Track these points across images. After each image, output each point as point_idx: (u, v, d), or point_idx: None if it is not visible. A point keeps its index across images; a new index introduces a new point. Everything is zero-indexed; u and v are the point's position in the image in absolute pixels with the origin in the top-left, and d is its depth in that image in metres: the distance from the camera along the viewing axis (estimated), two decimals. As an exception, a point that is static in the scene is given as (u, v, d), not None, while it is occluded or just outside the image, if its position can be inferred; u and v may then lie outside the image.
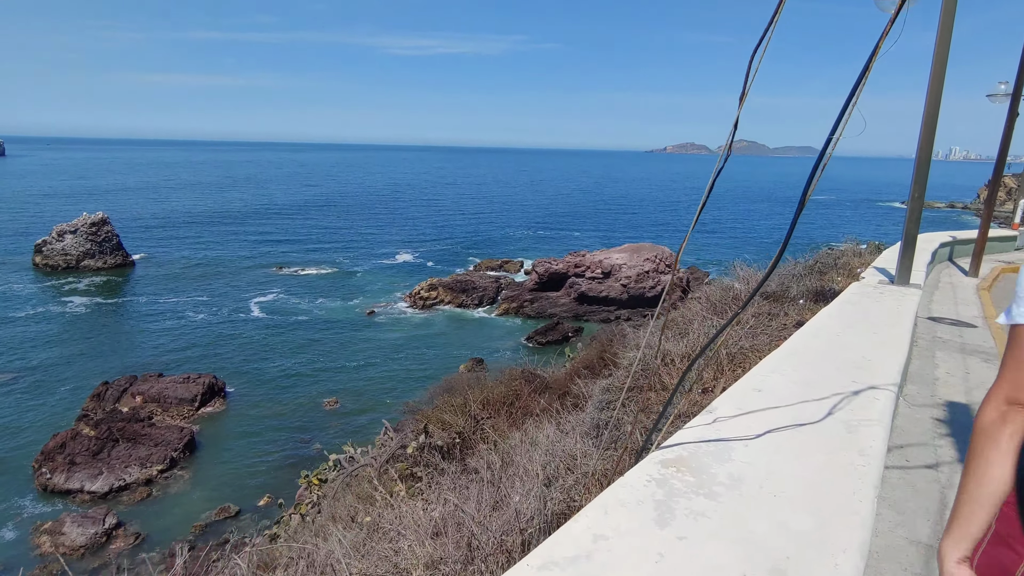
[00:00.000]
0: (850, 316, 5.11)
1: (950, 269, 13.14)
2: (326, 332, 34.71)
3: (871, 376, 3.55)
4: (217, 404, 25.19)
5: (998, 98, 9.18)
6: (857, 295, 6.05)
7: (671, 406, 3.57)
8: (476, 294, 41.50)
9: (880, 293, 6.22)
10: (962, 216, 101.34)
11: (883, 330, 4.65)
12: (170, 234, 63.43)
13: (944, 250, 13.97)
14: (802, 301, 6.82)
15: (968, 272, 12.08)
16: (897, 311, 5.37)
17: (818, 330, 4.54)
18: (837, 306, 5.34)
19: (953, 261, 14.32)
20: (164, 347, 31.00)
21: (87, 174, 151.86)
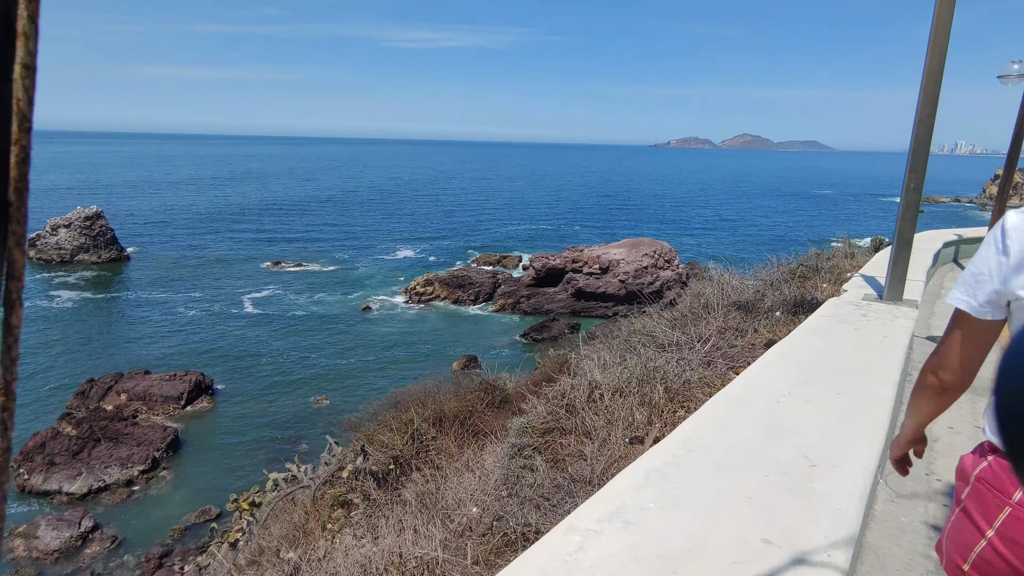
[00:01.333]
0: (815, 352, 3.79)
1: (955, 272, 11.72)
2: (319, 328, 34.21)
3: (831, 462, 2.39)
4: (204, 402, 24.72)
5: (1011, 79, 8.29)
6: (830, 319, 4.72)
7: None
8: (472, 289, 40.90)
9: (862, 315, 4.93)
10: (968, 211, 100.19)
11: (857, 381, 3.31)
12: (166, 229, 62.97)
13: (948, 251, 12.57)
14: (778, 313, 5.89)
15: None
16: (881, 345, 4.07)
17: (764, 378, 3.21)
18: (801, 337, 4.08)
19: (959, 263, 12.88)
20: (153, 343, 30.54)
21: (87, 167, 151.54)
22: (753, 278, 7.41)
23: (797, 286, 6.84)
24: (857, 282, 6.50)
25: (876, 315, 5.00)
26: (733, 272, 7.49)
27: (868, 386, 3.30)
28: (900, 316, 5.02)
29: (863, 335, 4.34)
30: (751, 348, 4.77)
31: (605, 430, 3.26)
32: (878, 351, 3.98)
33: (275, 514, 4.97)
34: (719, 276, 7.18)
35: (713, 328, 4.99)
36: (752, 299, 5.86)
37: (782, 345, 3.93)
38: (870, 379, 3.40)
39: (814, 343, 4.12)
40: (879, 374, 3.48)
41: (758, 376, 3.35)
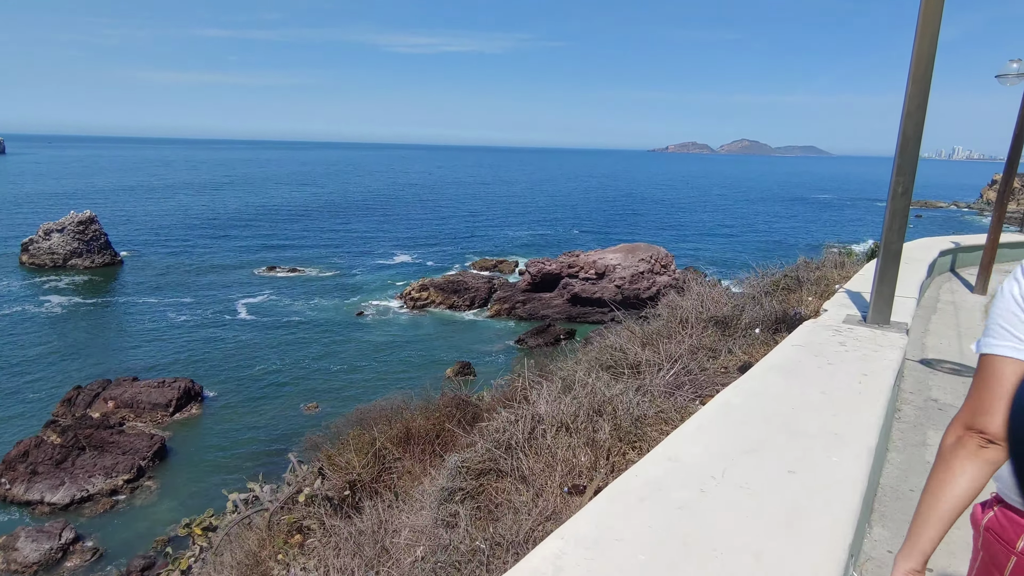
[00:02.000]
0: (773, 400, 3.03)
1: (952, 283, 10.85)
2: (312, 334, 33.88)
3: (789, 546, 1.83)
4: (193, 409, 24.38)
5: (1009, 79, 7.93)
6: (801, 350, 3.93)
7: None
8: (468, 295, 40.62)
9: (840, 344, 4.11)
10: (965, 216, 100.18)
11: (819, 448, 2.53)
12: (162, 234, 62.66)
13: (945, 259, 11.58)
14: (758, 331, 5.44)
15: (974, 287, 9.85)
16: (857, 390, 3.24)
17: (696, 445, 2.50)
18: (758, 378, 3.33)
19: (956, 273, 11.96)
20: (143, 350, 30.19)
21: (85, 172, 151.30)
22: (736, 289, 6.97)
23: (780, 300, 6.32)
24: (840, 299, 5.68)
25: (857, 344, 4.19)
26: (714, 282, 7.09)
27: (834, 457, 2.45)
28: (885, 345, 4.20)
29: (837, 374, 3.51)
30: (723, 372, 4.38)
31: (544, 475, 2.93)
32: (853, 398, 3.14)
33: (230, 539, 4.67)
34: (698, 288, 6.81)
35: (684, 347, 4.61)
36: (730, 314, 5.45)
37: (732, 390, 3.15)
38: (837, 444, 2.56)
39: (773, 387, 3.24)
40: (851, 434, 2.68)
41: (689, 442, 2.54)
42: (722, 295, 6.44)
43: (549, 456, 3.24)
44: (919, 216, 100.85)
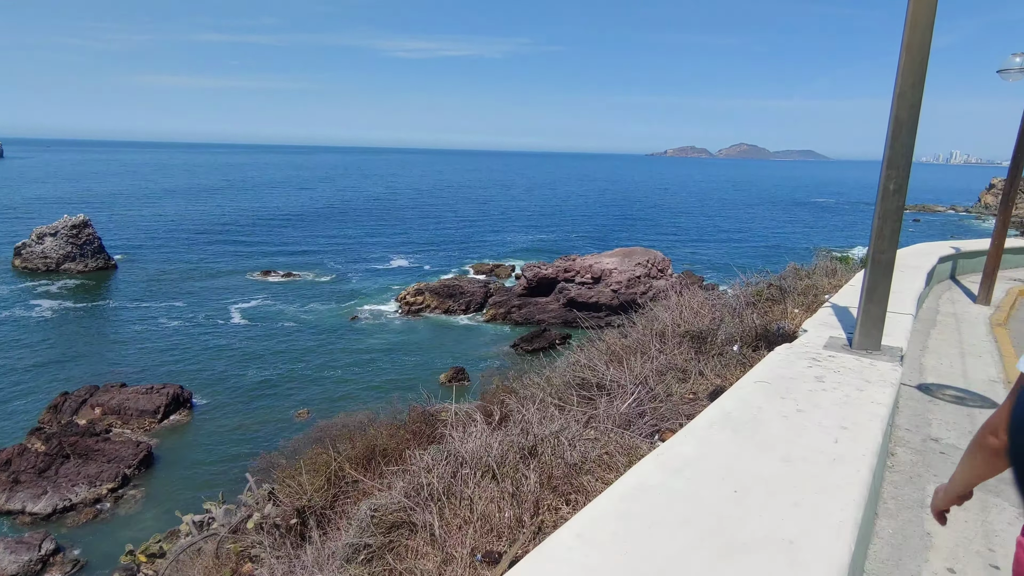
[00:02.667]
0: (715, 471, 2.19)
1: (953, 292, 9.99)
2: (305, 339, 33.53)
3: None
4: (182, 415, 24.00)
5: (1012, 74, 7.57)
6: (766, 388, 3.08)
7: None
8: (464, 299, 40.29)
9: (817, 379, 3.26)
10: (964, 220, 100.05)
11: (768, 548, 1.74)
12: (157, 238, 62.31)
13: (944, 266, 10.79)
14: (736, 348, 4.94)
15: (977, 297, 9.09)
16: (832, 453, 2.39)
17: (587, 557, 1.65)
18: (701, 433, 2.50)
19: (956, 280, 11.09)
20: (133, 355, 29.81)
21: (82, 176, 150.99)
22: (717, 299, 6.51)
23: (762, 312, 5.85)
24: (824, 317, 4.89)
25: (837, 379, 3.29)
26: (695, 291, 6.69)
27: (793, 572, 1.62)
28: (874, 380, 3.30)
29: (808, 428, 2.60)
30: (691, 399, 3.96)
31: (458, 535, 2.54)
32: (825, 471, 2.23)
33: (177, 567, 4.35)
34: (676, 297, 6.44)
35: (653, 367, 4.22)
36: (706, 329, 5.04)
37: (654, 460, 2.25)
38: (791, 567, 1.65)
39: (716, 452, 2.32)
40: (817, 542, 1.75)
41: (577, 555, 1.68)
42: (703, 305, 6.03)
43: (468, 510, 2.77)
44: (917, 220, 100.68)
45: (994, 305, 9.09)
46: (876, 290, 4.03)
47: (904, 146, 3.85)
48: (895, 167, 3.89)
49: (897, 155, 3.89)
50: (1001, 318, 8.19)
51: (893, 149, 3.88)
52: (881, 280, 4.03)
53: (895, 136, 3.87)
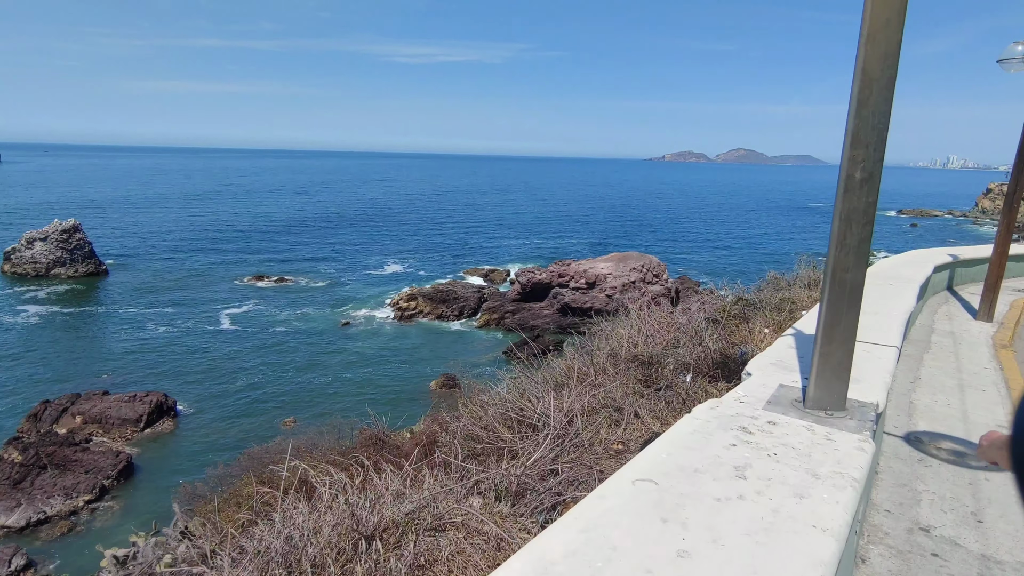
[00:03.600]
0: None
1: (950, 306, 8.91)
2: (295, 345, 33.07)
3: None
4: (165, 424, 23.51)
5: (1013, 64, 6.98)
6: (653, 495, 1.98)
7: None
8: (457, 304, 39.87)
9: (737, 474, 2.14)
10: (962, 224, 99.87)
11: None
12: (150, 243, 61.85)
13: (941, 276, 9.75)
14: (688, 378, 4.25)
15: (978, 312, 8.04)
16: None
17: None
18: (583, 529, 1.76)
19: (955, 292, 9.99)
20: (118, 362, 29.31)
21: (78, 181, 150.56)
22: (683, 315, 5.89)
23: (727, 332, 5.14)
24: (780, 350, 3.70)
25: (771, 470, 2.18)
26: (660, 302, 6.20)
27: None
28: (826, 472, 2.18)
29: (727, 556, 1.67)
30: (616, 452, 3.30)
31: None
32: None
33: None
34: (637, 313, 5.98)
35: (585, 403, 3.68)
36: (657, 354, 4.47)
37: None
38: None
39: None
40: None
41: None
42: (664, 321, 5.52)
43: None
44: (914, 225, 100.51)
45: (997, 322, 8.01)
46: (838, 325, 2.75)
47: (876, 115, 2.56)
48: (863, 145, 2.60)
49: (865, 127, 2.58)
50: (1006, 338, 7.17)
51: (860, 118, 2.58)
52: (846, 310, 2.74)
53: (862, 100, 2.55)
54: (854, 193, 2.70)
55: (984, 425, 4.58)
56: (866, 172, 2.67)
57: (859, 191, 2.69)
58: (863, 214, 2.72)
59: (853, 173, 2.68)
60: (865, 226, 2.73)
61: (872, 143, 2.63)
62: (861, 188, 2.68)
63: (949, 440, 4.31)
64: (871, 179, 2.68)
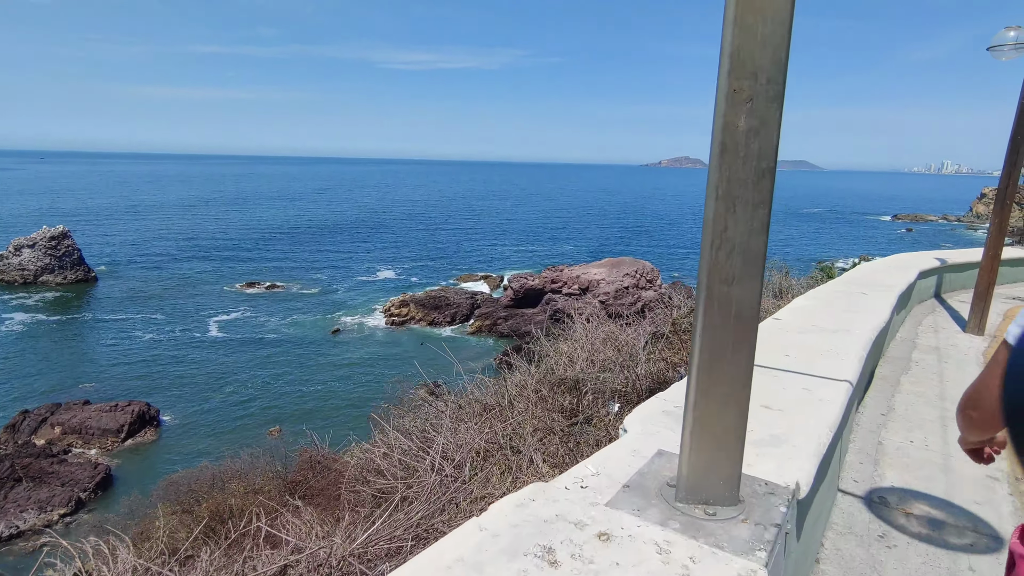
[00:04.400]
0: None
1: (936, 316, 8.16)
2: (284, 352, 32.63)
3: None
4: (148, 434, 23.04)
5: (1005, 51, 6.09)
6: None
7: None
8: (449, 311, 39.50)
9: None
10: (956, 229, 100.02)
11: None
12: (143, 249, 61.38)
13: (927, 282, 8.94)
14: (615, 408, 3.71)
15: (967, 324, 7.28)
16: None
17: None
18: None
19: (942, 300, 9.24)
20: (101, 370, 28.81)
21: (73, 187, 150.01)
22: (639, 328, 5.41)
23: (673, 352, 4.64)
24: (677, 392, 2.75)
25: None
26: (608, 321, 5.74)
27: None
28: None
29: None
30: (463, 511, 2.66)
31: None
32: None
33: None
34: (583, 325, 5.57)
35: (481, 441, 3.18)
36: (586, 377, 4.01)
37: None
38: None
39: None
40: None
41: None
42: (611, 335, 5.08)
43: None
44: (909, 230, 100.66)
45: (989, 334, 7.12)
46: (720, 369, 1.71)
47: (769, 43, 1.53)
48: (745, 76, 1.55)
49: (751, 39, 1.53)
50: None
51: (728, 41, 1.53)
52: (732, 344, 1.71)
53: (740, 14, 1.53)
54: (737, 150, 1.58)
55: (971, 478, 3.52)
56: (756, 119, 1.55)
57: (745, 144, 1.57)
58: (754, 186, 1.60)
59: (735, 121, 1.56)
60: (758, 208, 1.62)
61: (766, 65, 1.54)
62: (749, 141, 1.57)
63: (924, 502, 3.20)
64: (764, 127, 1.57)
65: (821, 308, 4.94)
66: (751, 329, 1.71)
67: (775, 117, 1.60)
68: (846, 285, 6.28)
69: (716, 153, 1.63)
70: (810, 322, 4.31)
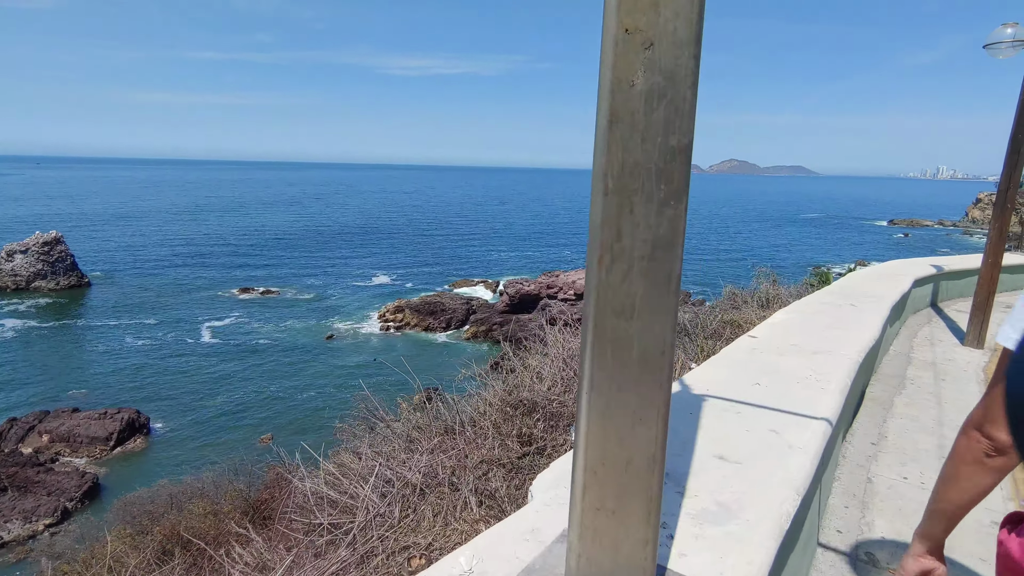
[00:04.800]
0: None
1: (933, 327, 7.54)
2: (277, 358, 32.36)
3: None
4: (137, 442, 22.75)
5: (1001, 49, 5.75)
6: None
7: None
8: (444, 317, 39.28)
9: None
10: (952, 235, 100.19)
11: None
12: (138, 255, 61.08)
13: (922, 291, 8.36)
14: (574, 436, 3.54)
15: (966, 336, 6.72)
16: None
17: None
18: None
19: (939, 309, 8.59)
20: (91, 377, 28.52)
21: (70, 193, 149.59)
22: None
23: None
24: None
25: None
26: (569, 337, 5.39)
27: None
28: None
29: None
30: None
31: None
32: None
33: None
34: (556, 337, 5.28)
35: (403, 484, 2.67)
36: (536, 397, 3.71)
37: None
38: None
39: None
40: None
41: None
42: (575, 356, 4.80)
43: None
44: (906, 235, 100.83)
45: (989, 348, 6.51)
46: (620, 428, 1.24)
47: None
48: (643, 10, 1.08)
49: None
50: None
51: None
52: (640, 402, 1.22)
53: None
54: (634, 120, 1.10)
55: (973, 524, 2.88)
56: (659, 74, 1.09)
57: (645, 112, 1.10)
58: (659, 174, 1.12)
59: (628, 77, 1.09)
60: (665, 206, 1.14)
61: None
62: (650, 107, 1.10)
63: None
64: (672, 86, 1.10)
65: (803, 324, 4.46)
66: (661, 378, 1.19)
67: (688, 70, 1.09)
68: (833, 296, 5.80)
69: (602, 127, 1.11)
70: (789, 341, 3.90)
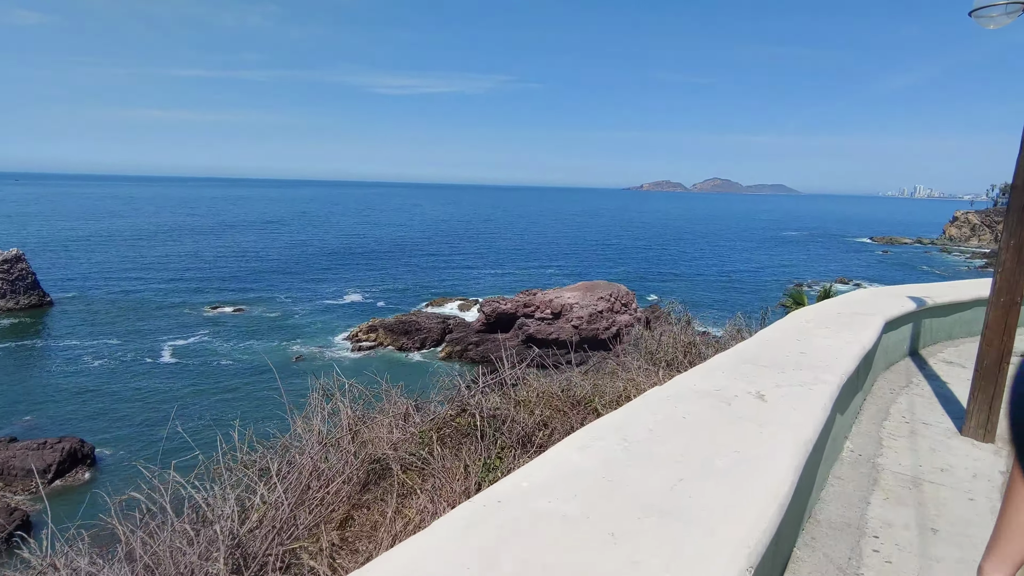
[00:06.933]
0: None
1: (913, 399, 4.91)
2: (242, 381, 30.98)
3: None
4: (79, 474, 21.29)
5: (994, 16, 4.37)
6: None
7: None
8: (419, 336, 38.20)
9: None
10: (931, 252, 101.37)
11: None
12: (106, 274, 59.25)
13: (897, 336, 5.86)
14: None
15: (965, 420, 4.21)
16: None
17: None
18: None
19: (920, 361, 6.10)
20: (38, 403, 26.94)
21: (46, 211, 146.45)
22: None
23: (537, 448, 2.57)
24: None
25: None
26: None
27: None
28: None
29: None
30: None
31: None
32: None
33: None
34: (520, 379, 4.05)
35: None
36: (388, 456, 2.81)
37: None
38: None
39: None
40: None
41: None
42: None
43: None
44: (885, 252, 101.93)
45: (1001, 438, 3.85)
46: None
47: None
48: None
49: None
50: None
51: None
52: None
53: None
54: None
55: None
56: None
57: None
58: None
59: None
60: None
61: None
62: None
63: None
64: None
65: (652, 448, 2.32)
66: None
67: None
68: (740, 365, 3.44)
69: None
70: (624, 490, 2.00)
